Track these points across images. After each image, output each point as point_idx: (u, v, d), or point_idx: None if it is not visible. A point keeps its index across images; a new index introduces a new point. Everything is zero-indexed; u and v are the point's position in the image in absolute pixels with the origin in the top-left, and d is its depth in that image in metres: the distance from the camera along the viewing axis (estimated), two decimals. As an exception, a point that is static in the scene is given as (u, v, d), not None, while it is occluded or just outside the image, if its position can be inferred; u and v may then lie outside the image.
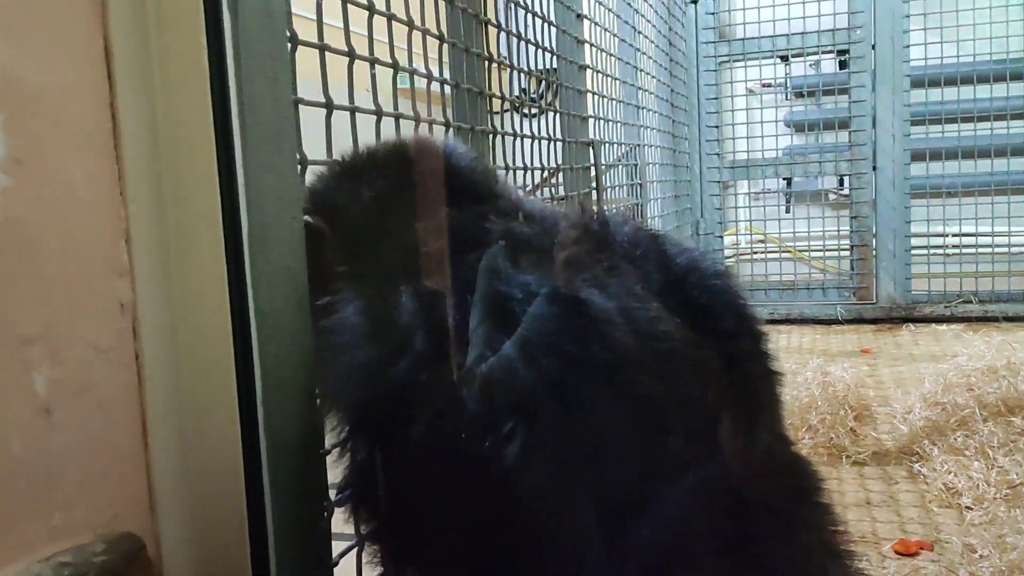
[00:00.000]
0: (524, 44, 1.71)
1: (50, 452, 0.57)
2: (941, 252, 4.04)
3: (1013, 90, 3.90)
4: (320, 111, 0.94)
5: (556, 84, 2.13)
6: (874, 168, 4.03)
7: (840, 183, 4.34)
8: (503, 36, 1.65)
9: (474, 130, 1.48)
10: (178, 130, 0.66)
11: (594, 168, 2.37)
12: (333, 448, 0.81)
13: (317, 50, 0.94)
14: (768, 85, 4.40)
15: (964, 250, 4.00)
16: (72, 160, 0.60)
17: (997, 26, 3.87)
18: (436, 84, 1.33)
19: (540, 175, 1.87)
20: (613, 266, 0.77)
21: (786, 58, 4.30)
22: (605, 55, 2.55)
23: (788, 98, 4.41)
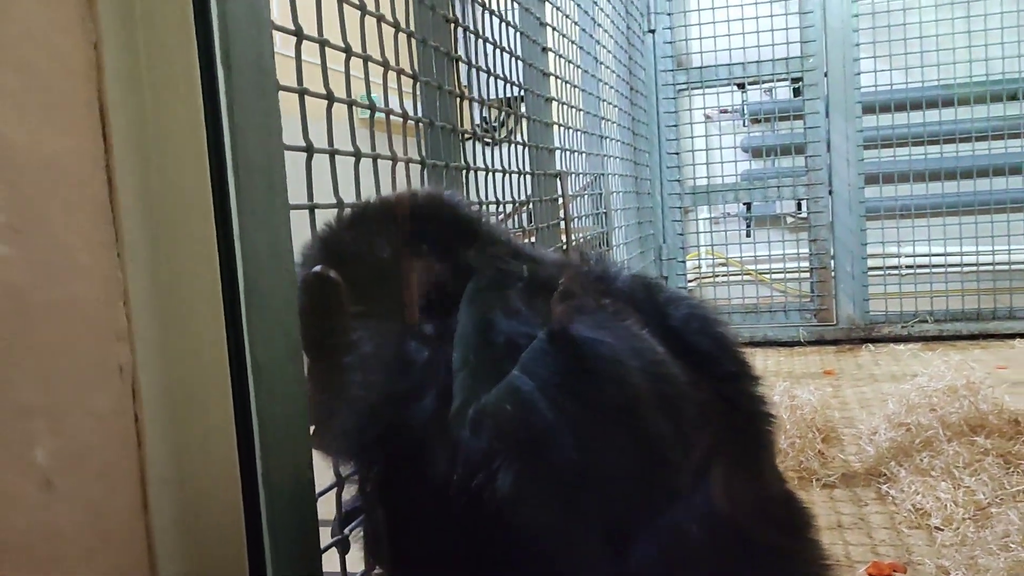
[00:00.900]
0: (485, 75, 1.73)
1: (53, 524, 0.56)
2: (897, 273, 4.14)
3: (960, 114, 4.03)
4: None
5: (517, 114, 2.15)
6: (830, 192, 4.12)
7: (798, 207, 4.44)
8: (466, 66, 1.66)
9: (448, 166, 1.49)
10: (174, 191, 0.66)
11: (562, 199, 2.39)
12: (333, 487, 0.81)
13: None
14: (725, 112, 4.48)
15: (918, 270, 4.11)
16: (70, 225, 0.59)
17: (943, 53, 4.00)
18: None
19: (513, 207, 1.89)
20: (617, 311, 0.78)
21: (742, 85, 4.39)
22: (569, 86, 2.58)
23: (745, 124, 4.50)
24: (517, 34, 2.00)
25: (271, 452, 0.72)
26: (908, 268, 4.13)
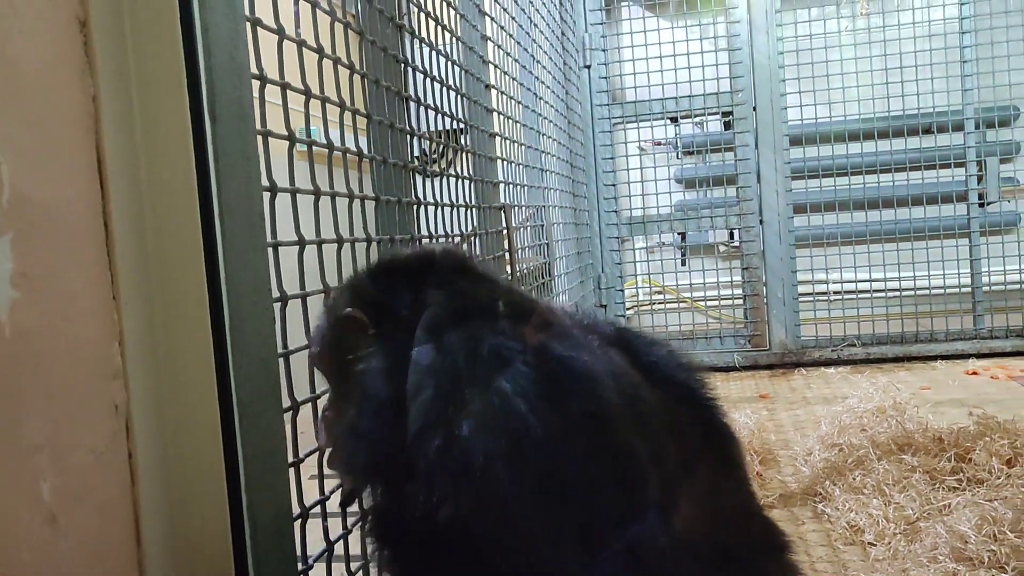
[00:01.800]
0: (425, 108, 1.78)
1: (57, 559, 0.58)
2: (826, 299, 4.31)
3: (880, 147, 4.24)
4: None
5: (455, 146, 2.21)
6: (761, 221, 4.28)
7: (730, 236, 4.59)
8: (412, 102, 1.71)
9: (401, 202, 1.54)
10: (166, 235, 0.69)
11: (506, 231, 2.45)
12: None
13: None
14: (659, 144, 4.62)
15: (846, 296, 4.28)
16: (72, 270, 0.62)
17: (863, 89, 4.21)
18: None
19: (460, 240, 1.93)
20: (600, 344, 0.85)
21: (675, 119, 4.54)
22: (512, 121, 2.65)
23: (678, 156, 4.64)
24: (462, 72, 2.07)
25: (254, 485, 0.75)
26: (836, 294, 4.30)
